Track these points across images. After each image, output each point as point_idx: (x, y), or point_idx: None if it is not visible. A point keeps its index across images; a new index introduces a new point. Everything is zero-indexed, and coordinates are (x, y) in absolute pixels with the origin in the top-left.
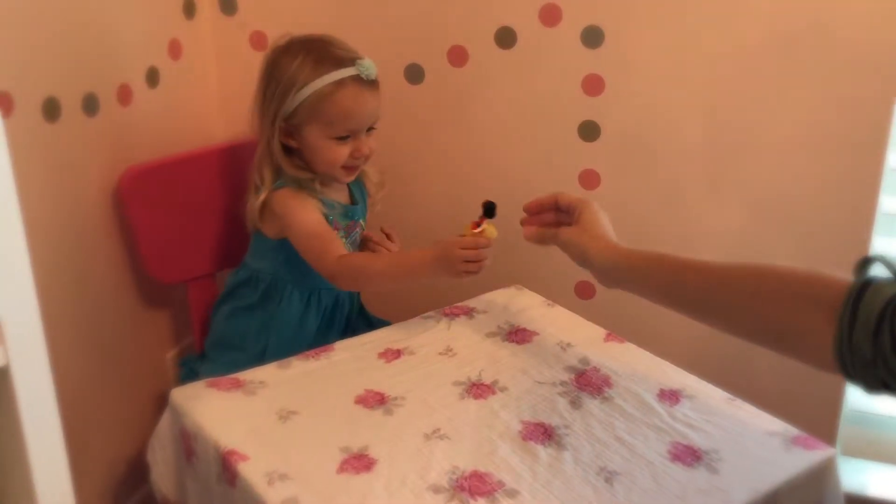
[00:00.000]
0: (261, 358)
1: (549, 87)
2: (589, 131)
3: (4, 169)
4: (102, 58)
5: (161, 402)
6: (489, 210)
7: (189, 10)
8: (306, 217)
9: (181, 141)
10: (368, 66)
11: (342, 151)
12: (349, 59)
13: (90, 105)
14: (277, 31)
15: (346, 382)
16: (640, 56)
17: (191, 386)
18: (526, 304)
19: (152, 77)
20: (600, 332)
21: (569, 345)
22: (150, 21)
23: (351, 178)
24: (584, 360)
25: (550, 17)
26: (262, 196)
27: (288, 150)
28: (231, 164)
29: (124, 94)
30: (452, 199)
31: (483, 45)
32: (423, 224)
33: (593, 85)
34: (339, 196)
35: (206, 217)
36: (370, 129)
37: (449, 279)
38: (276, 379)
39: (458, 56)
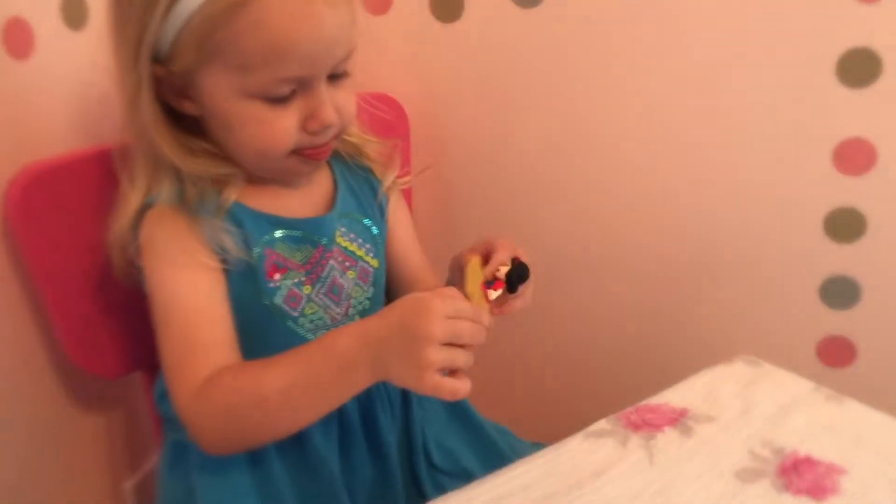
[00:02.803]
0: None
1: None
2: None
3: None
4: None
5: None
6: (518, 277)
7: None
8: (169, 284)
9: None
10: None
11: (284, 123)
12: None
13: None
14: None
15: None
16: None
17: None
18: (785, 399)
19: (73, 9)
20: None
21: None
22: None
23: (312, 170)
24: None
25: None
26: (125, 218)
27: (183, 121)
28: None
29: (18, 38)
30: (565, 230)
31: None
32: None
33: None
34: (298, 201)
35: None
36: (337, 75)
37: (410, 379)
38: None
39: None
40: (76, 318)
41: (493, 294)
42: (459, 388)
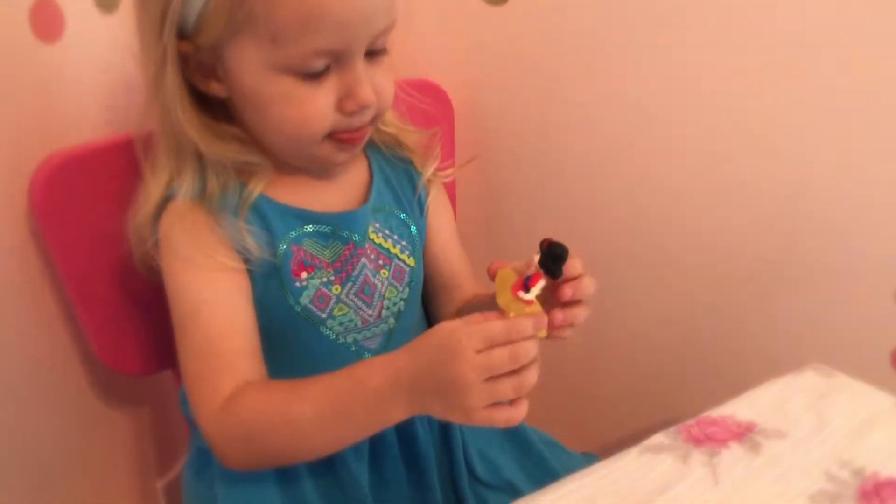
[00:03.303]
0: None
1: None
2: None
3: None
4: None
5: None
6: (553, 258)
7: None
8: (188, 287)
9: None
10: None
11: (318, 103)
12: None
13: None
14: None
15: None
16: None
17: None
18: (863, 414)
19: None
20: None
21: None
22: None
23: (347, 158)
24: None
25: None
26: (146, 209)
27: (210, 106)
28: None
29: (47, 21)
30: (620, 226)
31: None
32: None
33: None
34: (329, 194)
35: None
36: (375, 52)
37: (456, 420)
38: None
39: None
40: (103, 314)
41: (533, 292)
42: (514, 415)
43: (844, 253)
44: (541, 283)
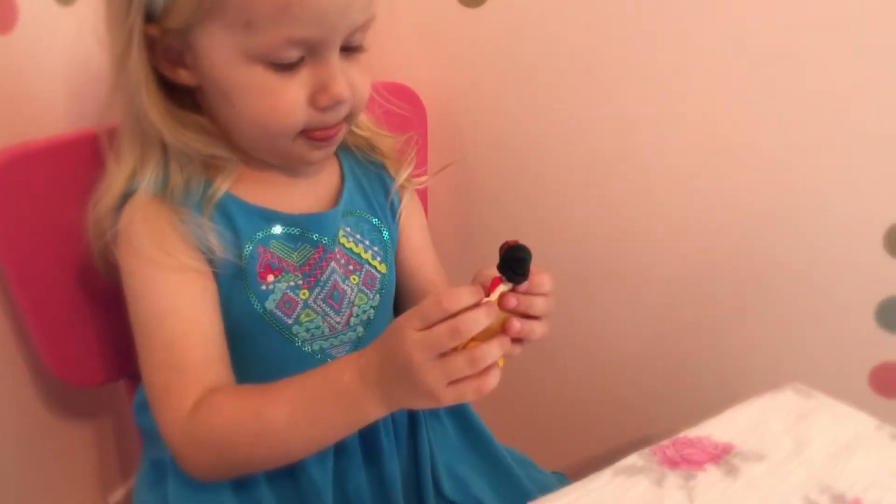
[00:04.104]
0: None
1: None
2: None
3: None
4: None
5: None
6: (512, 262)
7: None
8: (151, 289)
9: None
10: None
11: (290, 95)
12: None
13: None
14: None
15: None
16: None
17: None
18: (845, 437)
19: None
20: None
21: None
22: None
23: (321, 157)
24: None
25: None
26: (108, 200)
27: (176, 91)
28: None
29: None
30: (597, 237)
31: None
32: None
33: None
34: (298, 194)
35: None
36: (352, 48)
37: (426, 405)
38: None
39: None
40: (54, 320)
41: (492, 297)
42: (482, 385)
43: (825, 270)
44: (500, 288)
